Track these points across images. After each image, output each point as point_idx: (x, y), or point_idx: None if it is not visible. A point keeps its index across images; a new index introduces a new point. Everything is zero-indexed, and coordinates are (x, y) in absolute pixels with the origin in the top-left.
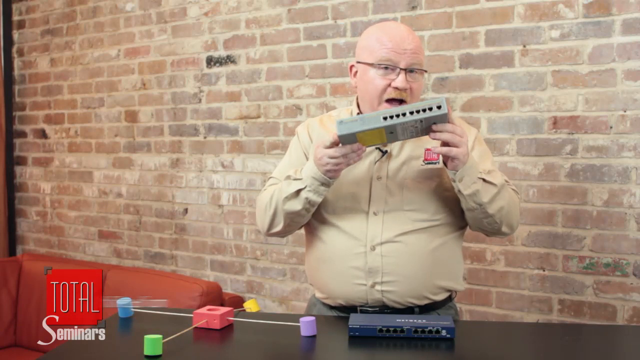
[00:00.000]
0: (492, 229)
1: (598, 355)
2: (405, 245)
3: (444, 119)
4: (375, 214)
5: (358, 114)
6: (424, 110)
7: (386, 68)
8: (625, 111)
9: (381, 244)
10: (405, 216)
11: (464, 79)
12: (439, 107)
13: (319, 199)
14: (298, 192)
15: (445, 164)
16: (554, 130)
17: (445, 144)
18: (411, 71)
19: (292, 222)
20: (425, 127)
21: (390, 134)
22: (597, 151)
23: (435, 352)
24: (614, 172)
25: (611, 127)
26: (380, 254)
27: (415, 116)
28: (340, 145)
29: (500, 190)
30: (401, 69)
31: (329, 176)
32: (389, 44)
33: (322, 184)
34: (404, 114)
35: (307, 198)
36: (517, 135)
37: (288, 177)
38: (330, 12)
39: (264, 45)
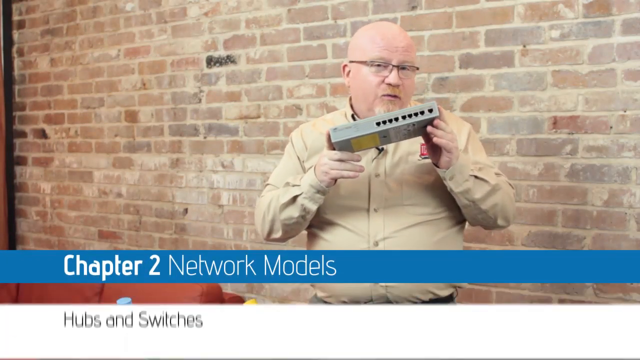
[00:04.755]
0: (487, 224)
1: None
2: (408, 239)
3: None
4: (375, 210)
5: (352, 115)
6: (416, 114)
7: (379, 65)
8: (625, 111)
9: (384, 239)
10: (405, 211)
11: (464, 79)
12: (430, 111)
13: (314, 207)
14: (295, 198)
15: (436, 164)
16: (554, 130)
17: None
18: (403, 68)
19: (291, 230)
20: (418, 130)
21: (384, 137)
22: (597, 151)
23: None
24: (614, 172)
25: (611, 127)
26: (384, 248)
27: (408, 120)
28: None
29: (494, 188)
30: (393, 65)
31: (322, 179)
32: (382, 42)
33: (318, 191)
34: (396, 119)
35: (302, 205)
36: (517, 135)
37: (287, 184)
38: (330, 12)
39: (264, 45)
